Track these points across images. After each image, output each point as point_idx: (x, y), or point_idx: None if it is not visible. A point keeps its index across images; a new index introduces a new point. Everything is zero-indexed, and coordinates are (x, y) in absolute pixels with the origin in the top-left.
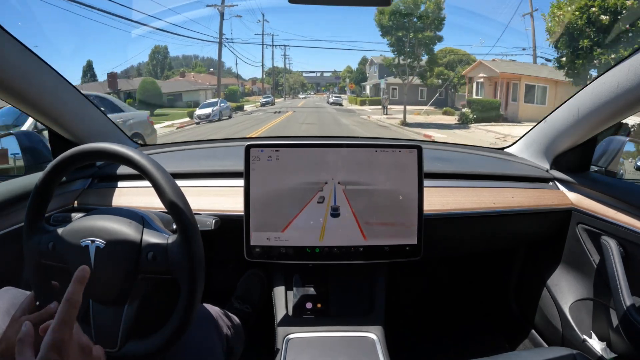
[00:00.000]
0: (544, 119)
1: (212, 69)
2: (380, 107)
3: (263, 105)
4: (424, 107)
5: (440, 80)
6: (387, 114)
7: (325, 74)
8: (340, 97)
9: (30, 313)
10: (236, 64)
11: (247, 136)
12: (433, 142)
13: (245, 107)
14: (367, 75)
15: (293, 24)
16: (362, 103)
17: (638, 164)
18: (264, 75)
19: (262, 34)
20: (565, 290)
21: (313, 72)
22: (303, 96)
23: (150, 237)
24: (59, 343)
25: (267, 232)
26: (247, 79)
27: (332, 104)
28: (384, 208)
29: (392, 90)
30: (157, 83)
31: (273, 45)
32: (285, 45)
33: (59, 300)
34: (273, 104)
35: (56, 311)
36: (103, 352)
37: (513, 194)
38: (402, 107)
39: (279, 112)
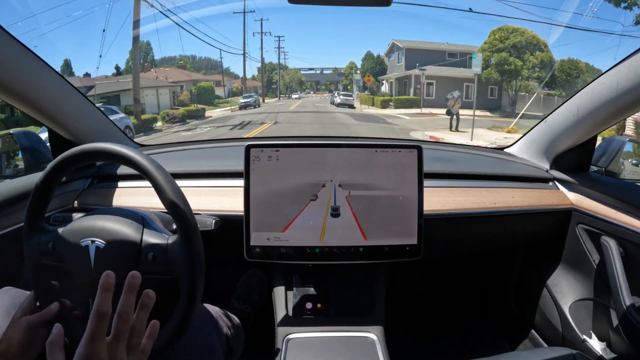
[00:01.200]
0: (543, 119)
1: (208, 69)
2: (415, 112)
3: (243, 107)
4: (514, 120)
5: (498, 73)
6: (457, 130)
7: (325, 71)
8: (351, 97)
9: (31, 313)
10: (221, 57)
11: (246, 136)
12: (433, 142)
13: (213, 112)
14: (387, 65)
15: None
16: (384, 105)
17: (634, 161)
18: (246, 71)
19: (244, 12)
20: (565, 290)
21: (312, 69)
22: (297, 96)
23: (150, 238)
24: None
25: (267, 232)
26: (244, 77)
27: (339, 105)
28: (384, 208)
29: (428, 85)
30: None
31: (262, 33)
32: (279, 36)
33: (59, 300)
34: (257, 105)
35: (57, 311)
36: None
37: (513, 194)
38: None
39: (246, 125)
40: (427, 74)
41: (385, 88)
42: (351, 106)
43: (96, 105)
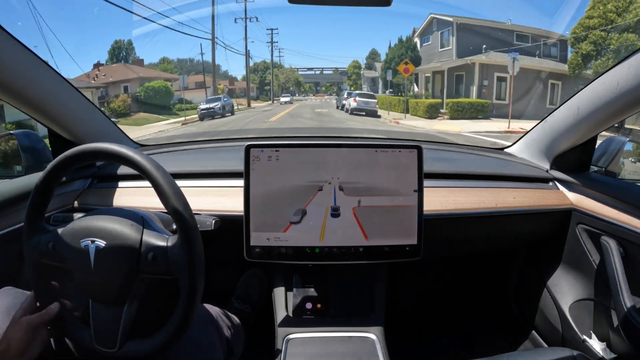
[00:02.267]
0: (544, 119)
1: (206, 72)
2: (501, 129)
3: (206, 116)
4: None
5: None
6: None
7: (326, 72)
8: (374, 99)
9: (31, 314)
10: (202, 53)
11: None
12: (433, 142)
13: (148, 128)
14: (419, 51)
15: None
16: (431, 112)
17: (632, 160)
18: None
19: None
20: (565, 291)
21: (311, 69)
22: (288, 99)
23: (150, 238)
24: None
25: (267, 232)
26: (214, 71)
27: (355, 112)
28: (383, 208)
29: (498, 83)
30: None
31: (246, 19)
32: (272, 29)
33: (59, 301)
34: (226, 113)
35: (57, 312)
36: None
37: (513, 194)
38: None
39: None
40: (491, 62)
41: (417, 86)
42: (373, 114)
43: None
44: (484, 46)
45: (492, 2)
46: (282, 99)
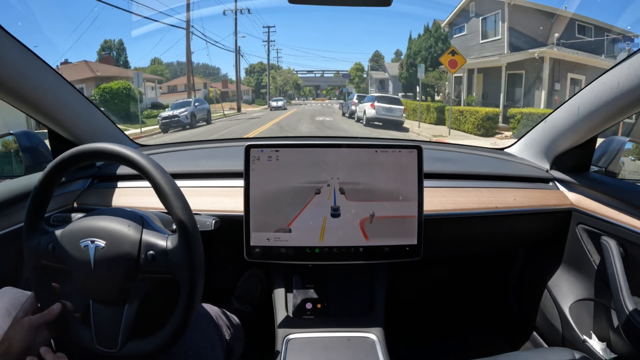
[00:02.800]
0: (544, 119)
1: (205, 77)
2: None
3: (170, 126)
4: None
5: None
6: None
7: (326, 74)
8: (399, 104)
9: (32, 314)
10: (190, 56)
11: (247, 136)
12: (433, 142)
13: None
14: (450, 39)
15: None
16: (485, 126)
17: (632, 157)
18: (188, 52)
19: None
20: (566, 291)
21: (311, 71)
22: (281, 103)
23: (150, 237)
24: None
25: (267, 232)
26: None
27: (371, 123)
28: (384, 208)
29: (571, 87)
30: None
31: (236, 12)
32: (269, 27)
33: (60, 301)
34: (201, 122)
35: (59, 312)
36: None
37: (513, 194)
38: None
39: None
40: (565, 57)
41: (448, 89)
42: (399, 125)
43: None
44: (556, 34)
45: None
46: (273, 104)
